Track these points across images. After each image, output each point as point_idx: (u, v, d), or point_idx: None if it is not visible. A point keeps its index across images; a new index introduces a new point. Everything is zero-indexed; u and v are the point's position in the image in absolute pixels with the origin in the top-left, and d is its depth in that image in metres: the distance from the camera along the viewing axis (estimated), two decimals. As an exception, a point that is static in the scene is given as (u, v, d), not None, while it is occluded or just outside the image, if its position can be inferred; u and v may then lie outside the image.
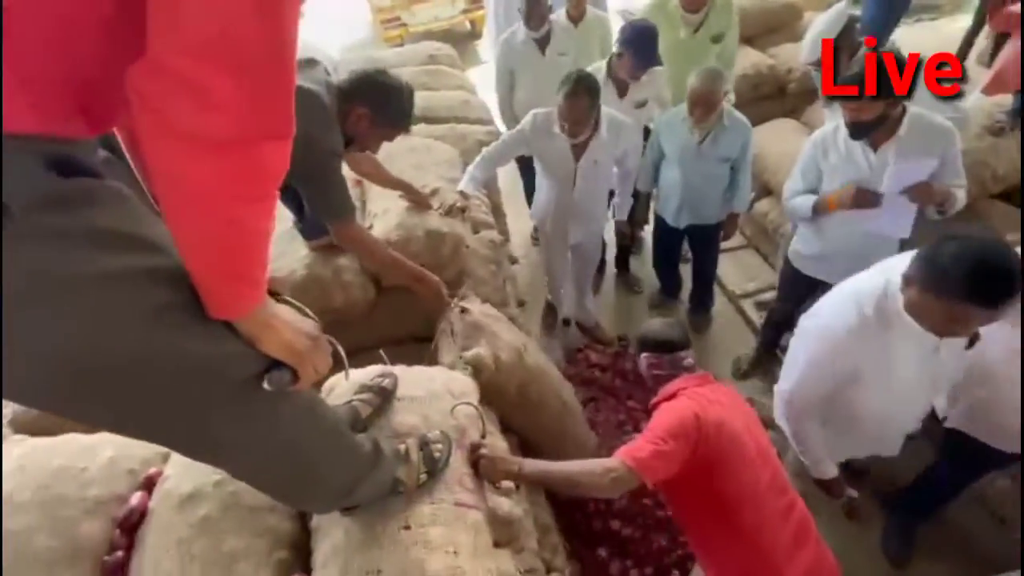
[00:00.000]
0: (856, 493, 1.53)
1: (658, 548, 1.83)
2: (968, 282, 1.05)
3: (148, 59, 0.47)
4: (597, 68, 2.34)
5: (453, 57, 3.18)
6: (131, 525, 1.06)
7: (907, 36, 3.04)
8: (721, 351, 2.71)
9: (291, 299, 0.73)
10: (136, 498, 1.10)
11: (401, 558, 0.95)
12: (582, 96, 1.86)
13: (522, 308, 2.62)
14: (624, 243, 2.83)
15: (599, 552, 1.82)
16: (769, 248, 2.89)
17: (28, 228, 0.49)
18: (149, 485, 1.13)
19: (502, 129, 2.68)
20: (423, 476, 1.08)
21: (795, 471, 1.55)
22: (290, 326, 0.67)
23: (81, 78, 0.51)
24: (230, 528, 1.03)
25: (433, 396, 1.28)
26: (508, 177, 3.06)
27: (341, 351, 0.84)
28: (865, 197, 1.65)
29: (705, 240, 2.58)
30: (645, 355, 1.46)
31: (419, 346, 1.84)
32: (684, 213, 2.42)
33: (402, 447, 1.10)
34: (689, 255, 2.80)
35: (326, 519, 1.07)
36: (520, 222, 3.38)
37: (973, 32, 3.43)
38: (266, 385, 0.66)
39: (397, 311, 1.82)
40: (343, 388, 1.26)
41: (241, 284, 0.60)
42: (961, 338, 1.23)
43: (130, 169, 0.69)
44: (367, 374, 1.31)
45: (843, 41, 1.96)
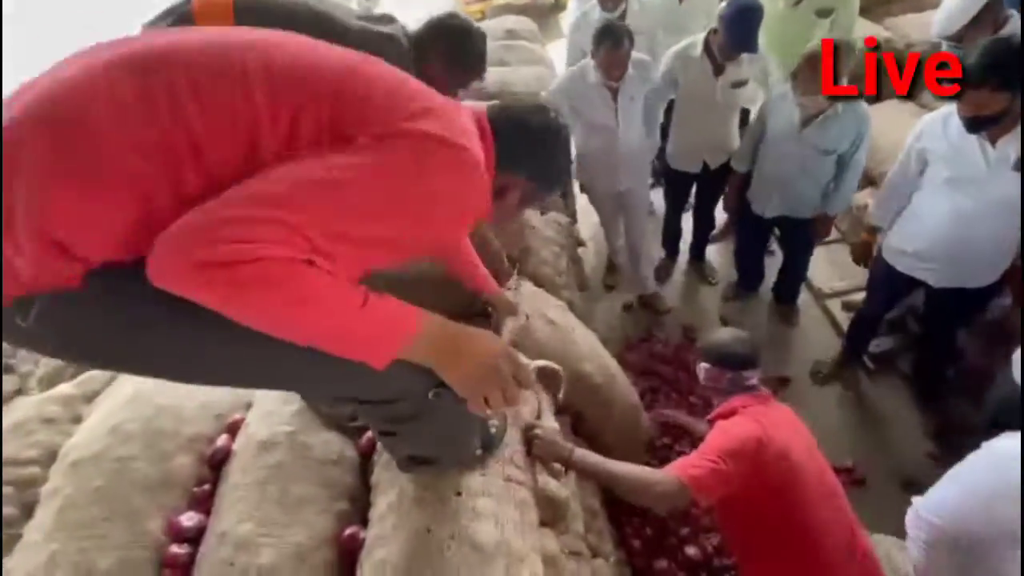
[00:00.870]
0: None
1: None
2: None
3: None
4: (693, 43, 2.21)
5: (533, 31, 3.13)
6: (217, 463, 1.19)
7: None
8: (799, 353, 2.53)
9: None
10: (222, 440, 1.22)
11: (451, 522, 0.99)
12: (623, 43, 1.98)
13: (584, 292, 2.59)
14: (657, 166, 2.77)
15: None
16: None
17: None
18: (233, 429, 1.24)
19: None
20: (479, 451, 1.11)
21: None
22: (466, 355, 0.74)
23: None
24: (299, 475, 1.12)
25: (490, 372, 1.31)
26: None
27: (561, 379, 0.92)
28: None
29: (796, 235, 2.38)
30: (706, 366, 1.40)
31: (481, 322, 1.88)
32: (774, 202, 2.24)
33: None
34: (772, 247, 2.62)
35: (386, 477, 1.13)
36: (589, 207, 3.31)
37: None
38: (432, 398, 0.79)
39: (456, 285, 1.85)
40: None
41: (361, 348, 0.68)
42: None
43: None
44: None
45: (986, 15, 1.68)
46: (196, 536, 1.08)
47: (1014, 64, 1.35)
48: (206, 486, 1.16)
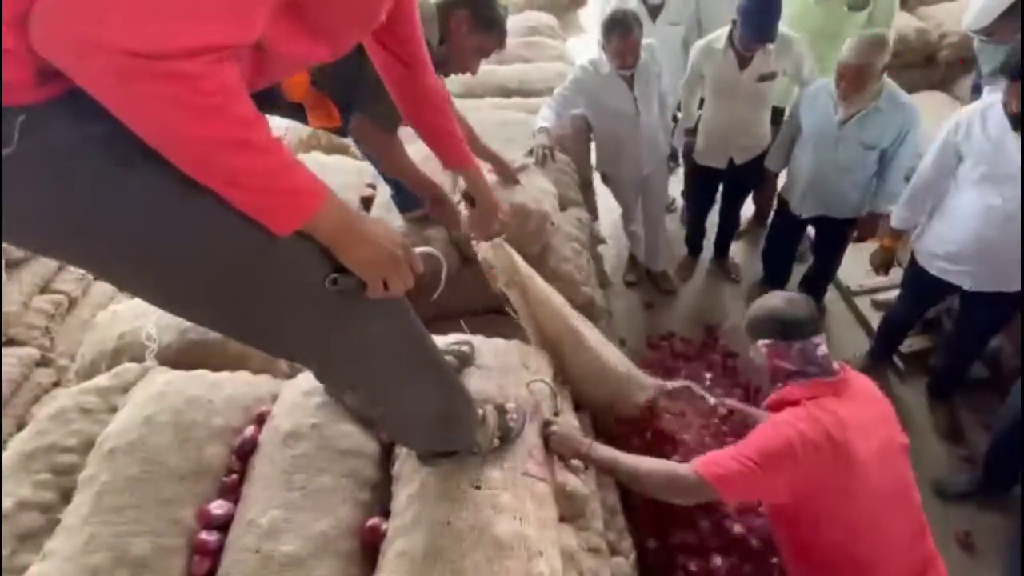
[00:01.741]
0: None
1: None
2: None
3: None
4: (719, 36, 2.18)
5: (554, 28, 3.12)
6: (245, 453, 1.22)
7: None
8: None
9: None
10: (249, 431, 1.25)
11: (471, 515, 1.00)
12: (633, 31, 1.99)
13: (606, 290, 2.57)
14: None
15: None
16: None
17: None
18: (260, 421, 1.28)
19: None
20: (496, 441, 1.12)
21: None
22: (367, 238, 0.68)
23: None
24: (323, 466, 1.14)
25: (509, 368, 1.32)
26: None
27: (443, 270, 0.89)
28: None
29: (832, 236, 2.31)
30: (764, 343, 1.16)
31: (499, 319, 1.88)
32: (810, 201, 2.18)
33: (480, 411, 1.14)
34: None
35: (407, 469, 1.15)
36: (612, 201, 3.29)
37: None
38: (327, 286, 0.69)
39: (480, 284, 1.86)
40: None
41: (272, 198, 0.60)
42: None
43: None
44: (446, 340, 1.37)
45: (1017, 9, 1.59)
46: (225, 524, 1.11)
47: None
48: (234, 476, 1.19)
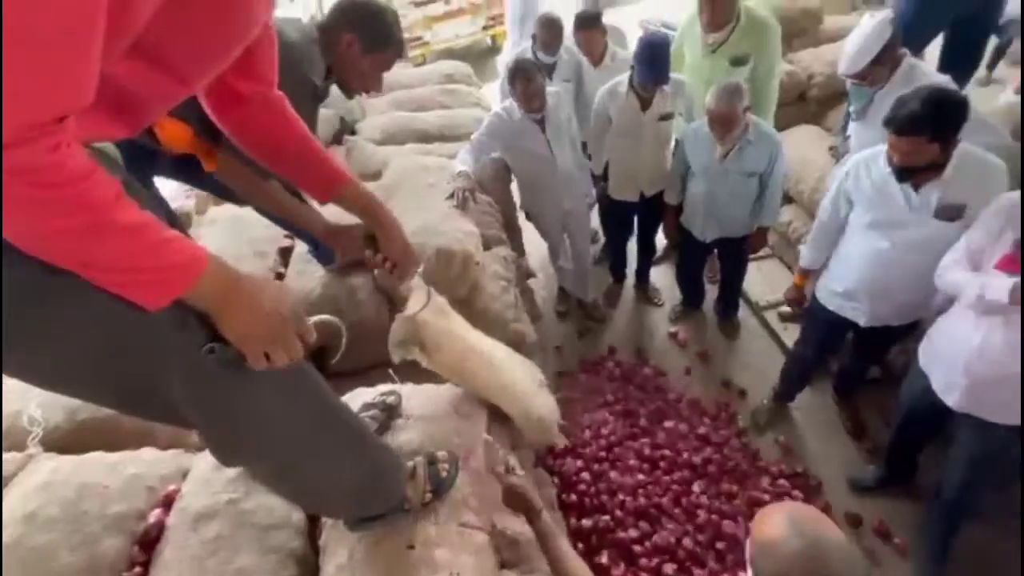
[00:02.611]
0: None
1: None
2: None
3: None
4: (621, 80, 2.35)
5: (469, 75, 3.24)
6: (149, 541, 1.10)
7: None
8: (747, 361, 2.65)
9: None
10: (155, 515, 1.14)
11: (404, 578, 0.96)
12: (535, 76, 2.10)
13: (538, 323, 2.62)
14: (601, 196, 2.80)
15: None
16: (792, 258, 2.81)
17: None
18: (167, 502, 1.16)
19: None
20: (428, 495, 1.08)
21: None
22: (250, 309, 0.64)
23: None
24: (241, 545, 1.05)
25: (439, 416, 1.30)
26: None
27: (343, 335, 0.85)
28: None
29: (733, 253, 2.54)
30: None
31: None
32: (711, 227, 2.39)
33: (409, 464, 1.11)
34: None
35: (334, 537, 1.09)
36: (536, 238, 3.39)
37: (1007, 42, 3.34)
38: (205, 355, 0.65)
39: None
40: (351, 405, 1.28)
41: (139, 275, 0.57)
42: None
43: None
44: (373, 393, 1.34)
45: (885, 54, 1.79)
46: (127, 626, 0.99)
47: (950, 116, 1.37)
48: (137, 569, 1.07)
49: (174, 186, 2.16)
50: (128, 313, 0.58)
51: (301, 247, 1.91)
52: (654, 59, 2.16)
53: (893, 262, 1.63)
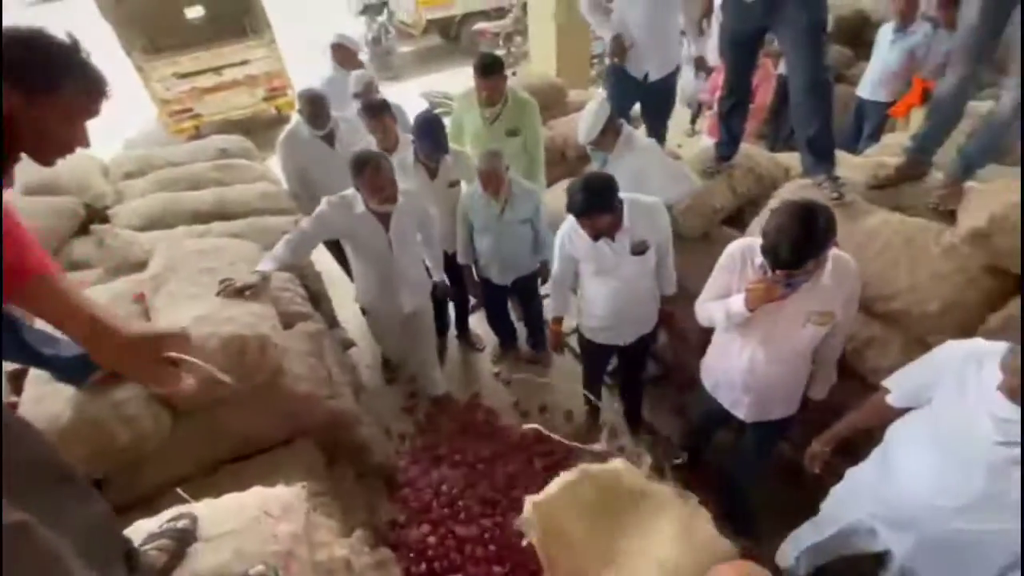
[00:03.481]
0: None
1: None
2: None
3: None
4: (404, 156, 2.49)
5: (248, 149, 3.08)
6: None
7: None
8: (561, 382, 2.89)
9: None
10: None
11: None
12: (384, 168, 1.99)
13: (362, 392, 2.52)
14: (445, 299, 2.86)
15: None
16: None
17: None
18: None
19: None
20: None
21: None
22: None
23: None
24: None
25: (249, 526, 1.15)
26: (329, 262, 2.99)
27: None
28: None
29: (528, 290, 2.83)
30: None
31: (236, 467, 1.65)
32: (507, 272, 2.64)
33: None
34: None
35: None
36: (354, 304, 3.29)
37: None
38: None
39: (205, 433, 1.61)
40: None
41: None
42: None
43: None
44: (159, 521, 1.13)
45: (609, 126, 2.27)
46: None
47: (609, 190, 1.74)
48: None
49: None
50: None
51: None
52: (432, 133, 2.36)
53: (621, 293, 2.01)
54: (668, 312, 2.16)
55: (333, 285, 2.95)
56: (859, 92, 3.76)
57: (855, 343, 1.85)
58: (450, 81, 7.09)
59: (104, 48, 2.85)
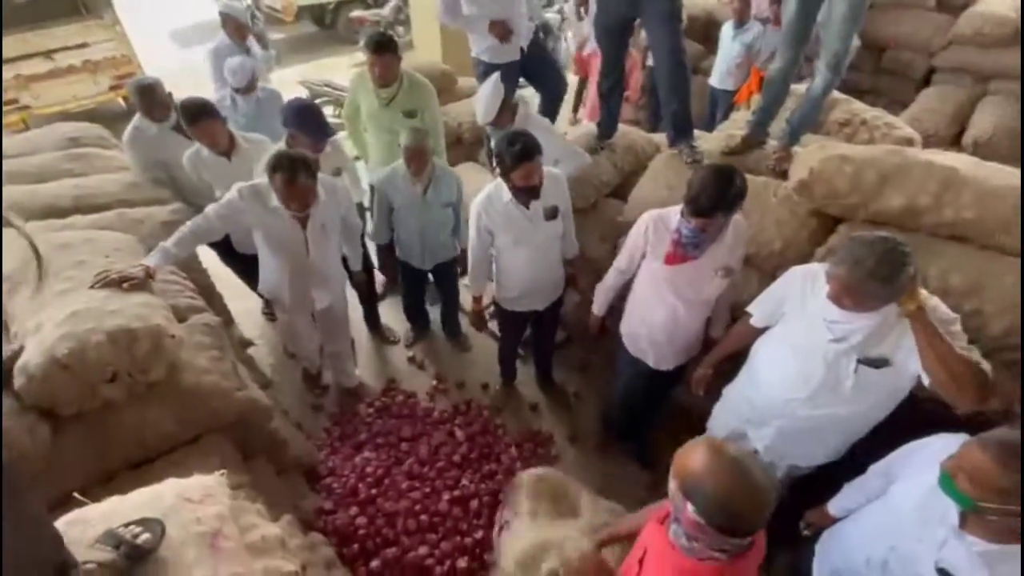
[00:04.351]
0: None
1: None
2: None
3: None
4: (279, 148, 2.35)
5: (104, 137, 2.74)
6: None
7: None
8: (483, 364, 3.00)
9: None
10: None
11: None
12: (300, 175, 1.82)
13: (268, 389, 2.40)
14: (365, 290, 2.86)
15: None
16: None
17: None
18: None
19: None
20: None
21: None
22: None
23: None
24: None
25: (167, 513, 1.09)
26: (213, 259, 2.78)
27: None
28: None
29: (447, 274, 2.85)
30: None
31: (135, 473, 1.51)
32: (427, 256, 2.63)
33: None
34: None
35: None
36: (246, 302, 3.09)
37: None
38: None
39: (95, 440, 1.46)
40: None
41: None
42: None
43: None
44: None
45: (504, 107, 2.36)
46: None
47: (533, 144, 1.82)
48: None
49: None
50: None
51: None
52: (310, 120, 2.28)
53: (536, 261, 2.14)
54: (571, 275, 2.33)
55: (219, 280, 2.74)
56: (711, 82, 4.29)
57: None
58: (328, 70, 6.78)
59: None
